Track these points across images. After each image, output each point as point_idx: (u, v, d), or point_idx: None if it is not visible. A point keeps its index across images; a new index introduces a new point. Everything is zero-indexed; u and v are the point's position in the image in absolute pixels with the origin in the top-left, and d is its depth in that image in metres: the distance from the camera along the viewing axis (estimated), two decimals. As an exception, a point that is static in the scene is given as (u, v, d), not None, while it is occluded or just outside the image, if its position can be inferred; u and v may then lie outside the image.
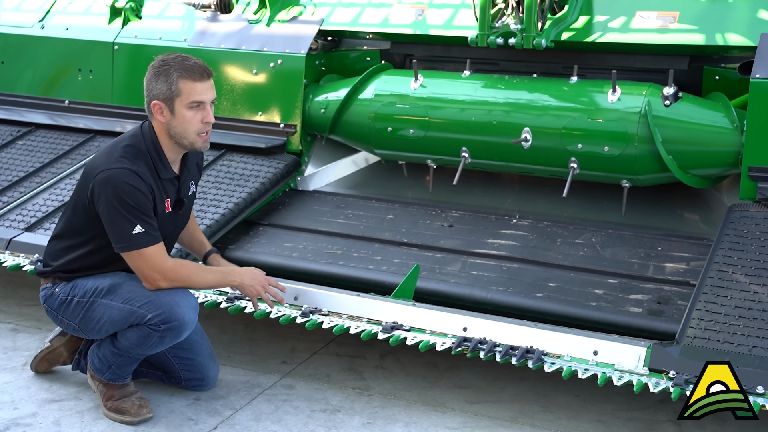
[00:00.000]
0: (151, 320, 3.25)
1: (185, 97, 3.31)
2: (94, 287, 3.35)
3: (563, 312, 3.61)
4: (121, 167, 3.25)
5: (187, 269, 3.35)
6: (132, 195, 3.23)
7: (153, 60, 3.40)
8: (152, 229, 3.27)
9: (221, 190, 4.37)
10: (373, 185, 4.75)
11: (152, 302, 3.26)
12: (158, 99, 3.32)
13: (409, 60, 4.85)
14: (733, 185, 4.12)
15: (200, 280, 3.38)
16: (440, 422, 3.48)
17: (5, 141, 5.05)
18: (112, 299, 3.31)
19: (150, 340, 3.29)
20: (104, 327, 3.34)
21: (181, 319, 3.27)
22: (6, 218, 4.32)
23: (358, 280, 3.88)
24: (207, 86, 3.36)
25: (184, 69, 3.31)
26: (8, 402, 3.51)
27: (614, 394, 3.64)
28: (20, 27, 5.49)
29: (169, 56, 3.37)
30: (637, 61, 4.29)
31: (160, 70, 3.32)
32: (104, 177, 3.25)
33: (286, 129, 4.69)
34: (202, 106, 3.34)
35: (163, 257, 3.29)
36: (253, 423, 3.43)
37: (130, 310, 3.27)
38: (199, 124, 3.35)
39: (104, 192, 3.24)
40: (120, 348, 3.35)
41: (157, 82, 3.32)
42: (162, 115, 3.33)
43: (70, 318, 3.41)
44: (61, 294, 3.41)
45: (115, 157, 3.30)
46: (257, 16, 4.88)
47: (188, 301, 3.32)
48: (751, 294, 3.31)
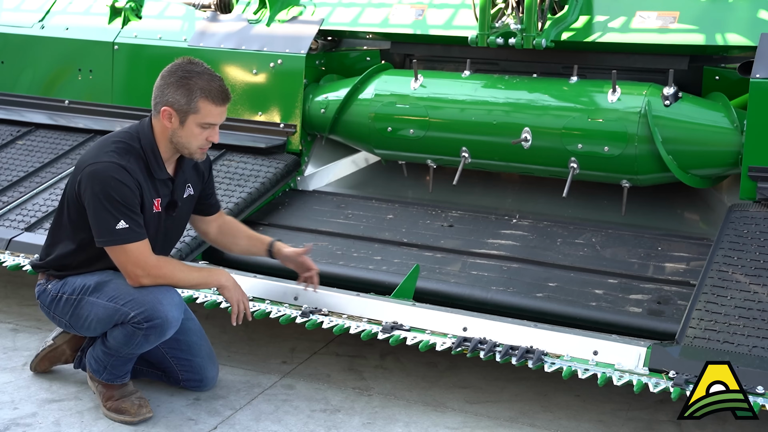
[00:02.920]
0: (134, 318, 3.23)
1: (201, 117, 3.31)
2: (82, 285, 3.35)
3: (563, 312, 3.61)
4: (109, 161, 3.24)
5: (171, 266, 3.33)
6: (118, 189, 3.21)
7: (170, 63, 3.36)
8: (137, 226, 3.25)
9: (221, 190, 4.37)
10: (373, 185, 4.75)
11: (135, 300, 3.24)
12: (172, 107, 3.30)
13: (409, 60, 4.86)
14: (733, 185, 4.12)
15: (183, 277, 3.36)
16: (440, 422, 3.48)
17: (5, 141, 5.05)
18: (98, 297, 3.31)
19: (135, 339, 3.27)
20: (92, 325, 3.34)
21: (164, 317, 3.24)
22: (6, 218, 4.32)
23: (358, 280, 3.87)
24: (223, 110, 3.37)
25: (209, 91, 3.29)
26: (8, 402, 3.51)
27: (614, 394, 3.64)
28: (20, 27, 5.49)
29: (194, 67, 3.32)
30: (637, 61, 4.29)
31: (182, 82, 3.29)
32: (91, 170, 3.24)
33: (286, 129, 4.69)
34: (212, 127, 3.36)
35: (146, 254, 3.27)
36: (253, 423, 3.43)
37: (115, 308, 3.26)
38: (204, 141, 3.36)
39: (90, 185, 3.23)
40: (110, 347, 3.34)
41: (176, 91, 3.29)
42: (170, 122, 3.32)
43: (61, 315, 3.42)
44: (53, 291, 3.42)
45: (104, 151, 3.29)
46: (257, 16, 4.88)
47: (171, 299, 3.29)
48: (751, 294, 3.31)
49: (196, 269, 3.43)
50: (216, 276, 3.42)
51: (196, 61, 3.36)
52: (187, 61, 3.36)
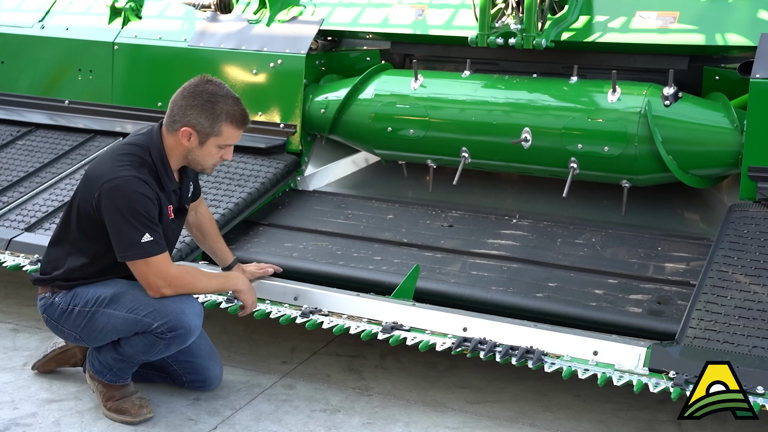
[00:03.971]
0: (157, 328, 3.25)
1: (222, 140, 3.36)
2: (96, 296, 3.33)
3: (563, 312, 3.61)
4: (128, 175, 3.24)
5: (192, 276, 3.36)
6: (141, 203, 3.23)
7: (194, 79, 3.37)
8: (159, 238, 3.27)
9: (221, 190, 4.37)
10: (373, 185, 4.75)
11: (157, 310, 3.26)
12: (194, 128, 3.32)
13: (409, 60, 4.86)
14: (733, 185, 4.12)
15: (204, 286, 3.41)
16: (440, 422, 3.48)
17: (5, 141, 5.04)
18: (115, 308, 3.30)
19: (156, 348, 3.29)
20: (107, 336, 3.34)
21: (188, 326, 3.28)
22: (6, 218, 4.32)
23: (358, 280, 3.87)
24: (242, 132, 3.42)
25: (233, 116, 3.34)
26: (8, 402, 3.51)
27: (614, 394, 3.64)
28: (20, 27, 5.49)
29: (217, 90, 3.34)
30: (637, 61, 4.29)
31: (207, 106, 3.31)
32: (112, 186, 3.23)
33: (286, 129, 4.69)
34: (229, 147, 3.41)
35: (168, 265, 3.30)
36: (253, 423, 3.43)
37: (135, 319, 3.27)
38: (219, 159, 3.42)
39: (112, 201, 3.22)
40: (123, 354, 3.35)
41: (200, 114, 3.31)
42: (188, 141, 3.34)
43: (71, 328, 3.38)
44: (62, 303, 3.38)
45: (119, 165, 3.28)
46: (257, 16, 4.88)
47: (193, 308, 3.33)
48: (751, 294, 3.31)
49: (213, 276, 3.48)
50: (233, 281, 3.47)
51: (216, 82, 3.38)
52: (206, 81, 3.37)
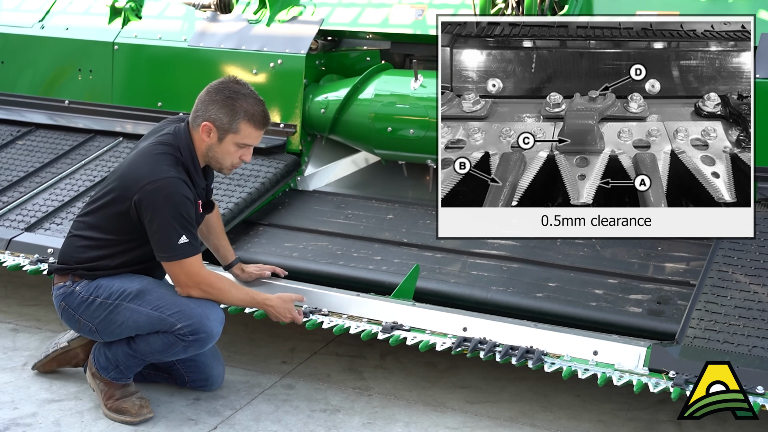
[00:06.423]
0: (180, 329, 3.27)
1: (240, 138, 3.38)
2: (121, 290, 3.33)
3: (563, 312, 3.61)
4: (171, 176, 3.27)
5: (221, 284, 3.38)
6: (183, 205, 3.27)
7: (214, 79, 3.43)
8: (194, 239, 3.31)
9: (221, 190, 4.37)
10: (373, 185, 4.75)
11: (183, 312, 3.28)
12: (213, 123, 3.36)
13: (409, 60, 4.86)
14: (733, 185, 4.12)
15: (231, 297, 3.43)
16: (440, 422, 3.48)
17: (5, 141, 5.04)
18: (139, 304, 3.31)
19: (174, 348, 3.31)
20: (125, 331, 3.34)
21: (210, 332, 3.30)
22: (6, 218, 4.32)
23: (358, 280, 3.87)
24: (261, 134, 3.45)
25: (252, 115, 3.37)
26: (8, 402, 3.51)
27: (614, 394, 3.64)
28: (20, 27, 5.49)
29: (240, 89, 3.40)
30: (637, 60, 4.28)
31: (228, 102, 3.36)
32: (155, 188, 3.24)
33: (286, 129, 4.69)
34: (247, 147, 3.43)
35: (199, 267, 3.33)
36: (253, 423, 3.43)
37: (160, 317, 3.28)
38: (237, 159, 3.44)
39: (155, 202, 3.24)
40: (137, 351, 3.35)
41: (220, 109, 3.35)
42: (208, 137, 3.38)
43: (89, 319, 3.37)
44: (83, 293, 3.37)
45: (159, 166, 3.29)
46: (257, 16, 4.88)
47: (217, 315, 3.35)
48: (751, 294, 3.31)
49: (243, 290, 3.50)
50: (263, 298, 3.48)
51: (242, 82, 3.44)
52: (233, 81, 3.43)
